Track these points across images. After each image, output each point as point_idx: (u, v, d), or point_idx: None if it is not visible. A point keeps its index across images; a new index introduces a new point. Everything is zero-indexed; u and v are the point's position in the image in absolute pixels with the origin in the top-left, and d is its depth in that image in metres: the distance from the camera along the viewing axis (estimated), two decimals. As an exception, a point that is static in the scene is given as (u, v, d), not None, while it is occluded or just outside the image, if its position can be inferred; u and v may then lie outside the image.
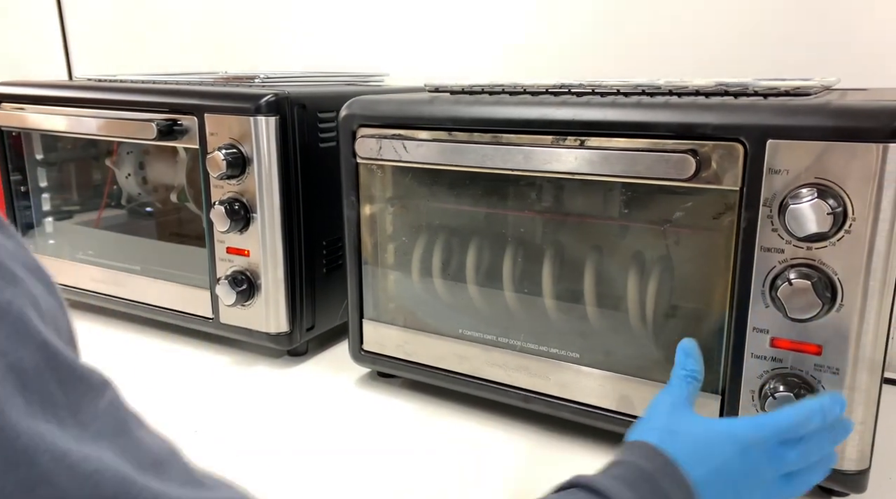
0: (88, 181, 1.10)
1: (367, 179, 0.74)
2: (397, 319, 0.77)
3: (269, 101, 0.78)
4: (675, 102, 0.57)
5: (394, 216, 0.77)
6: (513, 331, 0.69)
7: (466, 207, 0.72)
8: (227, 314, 0.86)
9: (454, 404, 0.75)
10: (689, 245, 0.62)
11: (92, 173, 1.09)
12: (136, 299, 0.95)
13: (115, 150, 1.04)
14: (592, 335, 0.66)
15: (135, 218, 1.05)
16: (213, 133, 0.81)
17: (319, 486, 0.61)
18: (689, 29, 0.93)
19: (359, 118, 0.72)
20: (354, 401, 0.77)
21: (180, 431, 0.70)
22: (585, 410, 0.65)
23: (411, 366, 0.75)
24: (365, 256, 0.76)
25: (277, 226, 0.81)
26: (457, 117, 0.66)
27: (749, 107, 0.54)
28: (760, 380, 0.56)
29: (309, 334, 0.87)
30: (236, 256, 0.84)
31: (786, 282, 0.52)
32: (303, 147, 0.82)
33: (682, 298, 0.63)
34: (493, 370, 0.70)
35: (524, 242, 0.70)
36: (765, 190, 0.53)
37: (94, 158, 1.08)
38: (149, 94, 0.86)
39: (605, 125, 0.59)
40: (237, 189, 0.81)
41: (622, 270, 0.64)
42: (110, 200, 1.06)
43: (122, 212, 1.06)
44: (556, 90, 0.66)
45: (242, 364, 0.87)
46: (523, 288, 0.70)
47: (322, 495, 0.60)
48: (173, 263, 0.93)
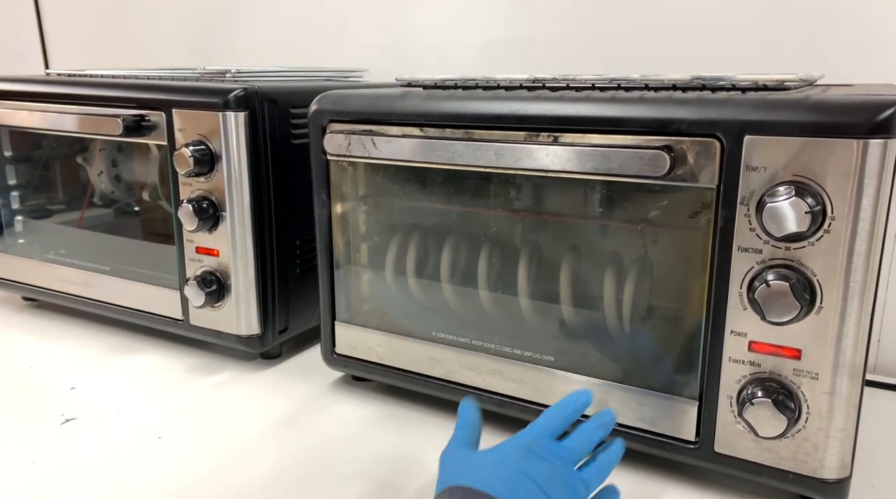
0: (61, 179, 1.07)
1: (339, 176, 0.72)
2: (370, 322, 0.75)
3: (237, 96, 0.75)
4: (650, 97, 0.55)
5: (366, 215, 0.75)
6: (487, 333, 0.67)
7: (440, 206, 0.70)
8: (198, 316, 0.84)
9: (429, 408, 0.73)
10: (666, 245, 0.60)
11: (64, 171, 1.07)
12: (106, 300, 0.92)
13: (88, 147, 1.01)
14: (568, 338, 0.64)
15: (107, 216, 1.02)
16: (182, 129, 0.78)
17: (291, 494, 0.59)
18: (671, 23, 0.92)
19: (328, 113, 0.69)
20: (327, 405, 0.75)
21: (144, 436, 0.68)
22: (560, 415, 0.63)
23: (384, 369, 0.73)
24: (337, 257, 0.74)
25: (248, 225, 0.79)
26: (428, 112, 0.64)
27: (726, 101, 0.52)
28: (738, 385, 0.54)
29: (282, 337, 0.85)
30: (206, 256, 0.81)
31: (763, 283, 0.50)
32: (274, 143, 0.80)
33: (659, 299, 0.61)
34: (468, 374, 0.68)
35: (499, 241, 0.68)
36: (742, 188, 0.51)
37: (66, 155, 1.06)
38: (116, 89, 0.84)
39: (579, 121, 0.56)
40: (206, 187, 0.79)
41: (598, 270, 0.62)
42: (83, 198, 1.04)
43: (94, 210, 1.03)
44: (530, 85, 0.63)
45: (213, 367, 0.84)
46: (498, 289, 0.68)
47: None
48: (145, 263, 0.90)
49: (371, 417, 0.72)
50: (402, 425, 0.70)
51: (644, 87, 0.58)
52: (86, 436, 0.68)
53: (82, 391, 0.77)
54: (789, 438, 0.52)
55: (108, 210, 1.02)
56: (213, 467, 0.63)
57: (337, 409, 0.74)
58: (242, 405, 0.74)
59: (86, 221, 1.02)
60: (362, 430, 0.69)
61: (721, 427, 0.55)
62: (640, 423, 0.59)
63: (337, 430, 0.69)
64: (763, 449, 0.54)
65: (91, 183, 1.03)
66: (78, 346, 0.90)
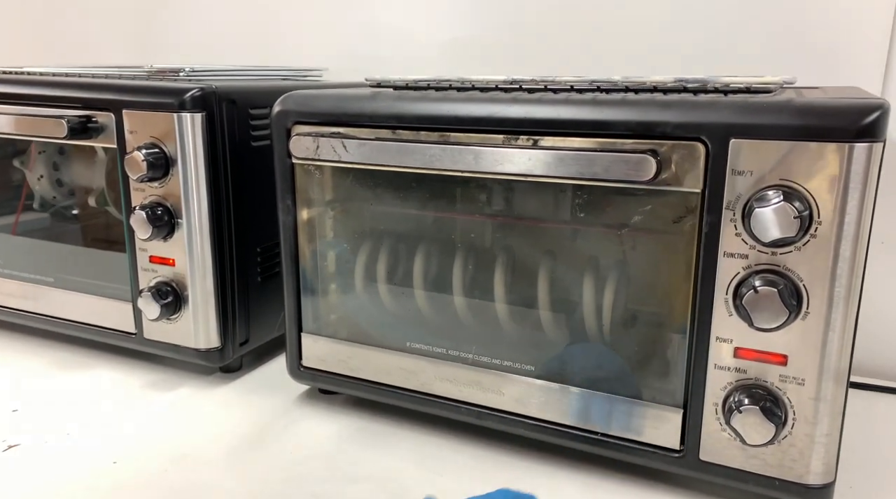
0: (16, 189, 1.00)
1: (304, 180, 0.68)
2: (339, 333, 0.71)
3: (194, 96, 0.71)
4: (632, 99, 0.54)
5: (334, 221, 0.72)
6: (464, 343, 0.65)
7: (412, 211, 0.68)
8: (152, 329, 0.79)
9: (402, 421, 0.70)
10: (648, 251, 0.58)
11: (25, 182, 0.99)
12: (50, 314, 0.86)
13: (26, 149, 0.95)
14: (547, 347, 0.63)
15: (49, 223, 0.96)
16: (133, 131, 0.74)
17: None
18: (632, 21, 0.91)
19: (293, 115, 0.66)
20: (294, 421, 0.71)
21: (97, 462, 0.63)
22: (541, 426, 0.61)
23: (356, 382, 0.70)
24: (303, 265, 0.70)
25: (206, 232, 0.74)
26: (401, 114, 0.61)
27: (710, 104, 0.51)
28: (724, 392, 0.53)
29: (243, 349, 0.81)
30: (160, 266, 0.76)
31: (751, 289, 0.49)
32: (233, 146, 0.75)
33: (640, 307, 0.60)
34: (444, 385, 0.65)
35: (474, 247, 0.66)
36: (728, 192, 0.50)
37: (1, 157, 0.99)
38: (59, 87, 0.78)
39: (559, 124, 0.55)
40: (160, 192, 0.74)
41: (578, 277, 0.61)
42: (23, 202, 0.97)
43: (34, 217, 0.97)
44: (507, 86, 0.62)
45: (169, 383, 0.79)
46: (474, 297, 0.66)
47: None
48: (92, 273, 0.85)
49: (341, 432, 0.69)
50: (375, 441, 0.67)
51: (625, 90, 0.57)
52: (32, 464, 0.63)
53: (26, 414, 0.72)
54: (775, 444, 0.52)
55: (47, 216, 0.96)
56: (176, 495, 0.59)
57: (305, 425, 0.70)
58: (204, 424, 0.70)
59: (22, 228, 0.96)
60: (334, 447, 0.66)
61: (706, 435, 0.55)
62: (624, 432, 0.58)
63: (307, 448, 0.66)
64: (749, 456, 0.53)
65: (27, 187, 0.96)
66: (18, 363, 0.84)
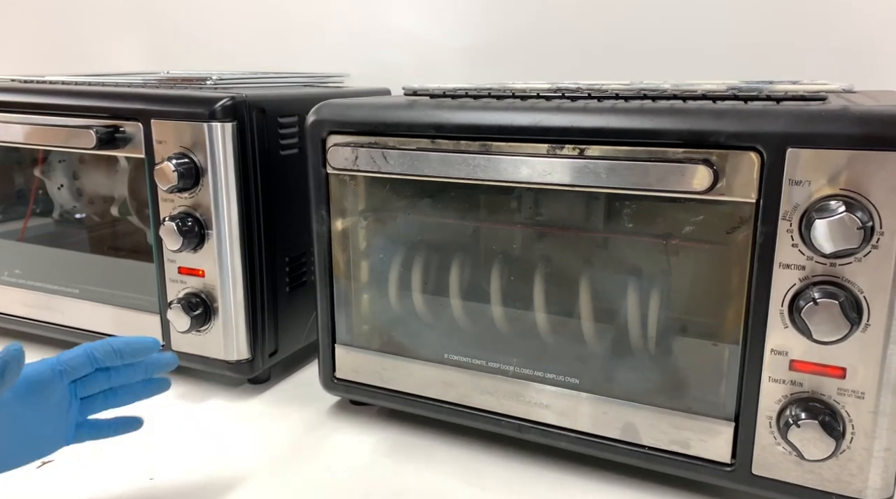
0: (12, 191, 0.99)
1: (339, 190, 0.67)
2: (373, 344, 0.70)
3: (225, 106, 0.70)
4: (682, 108, 0.53)
5: (369, 231, 0.71)
6: (504, 355, 0.64)
7: (450, 220, 0.67)
8: (180, 341, 0.78)
9: (439, 434, 0.69)
10: (698, 261, 0.57)
11: (15, 182, 0.98)
12: (74, 326, 0.85)
13: (41, 158, 0.94)
14: (593, 359, 0.62)
15: (70, 233, 0.95)
16: (161, 141, 0.73)
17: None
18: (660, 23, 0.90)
19: (329, 124, 0.65)
20: (329, 435, 0.70)
21: (135, 478, 0.62)
22: (585, 439, 0.60)
23: (391, 394, 0.69)
24: (336, 275, 0.69)
25: (236, 243, 0.73)
26: (440, 123, 0.60)
27: (766, 113, 0.50)
28: (778, 405, 0.52)
29: (272, 360, 0.80)
30: (190, 277, 0.75)
31: (810, 301, 0.48)
32: (262, 155, 0.75)
33: (689, 318, 0.59)
34: (483, 398, 0.64)
35: (514, 257, 0.65)
36: (784, 202, 0.49)
37: (18, 163, 0.97)
38: (85, 97, 0.77)
39: (607, 132, 0.54)
40: (189, 203, 0.73)
41: (624, 288, 0.60)
42: (40, 212, 0.96)
43: (55, 227, 0.96)
44: (549, 94, 0.61)
45: (198, 395, 0.78)
46: (515, 309, 0.65)
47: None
48: (116, 283, 0.84)
49: (378, 445, 0.68)
50: (413, 454, 0.66)
51: (673, 97, 0.56)
52: (66, 481, 0.62)
53: (56, 429, 0.70)
54: (833, 459, 0.51)
55: (69, 225, 0.95)
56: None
57: (340, 438, 0.69)
58: (238, 438, 0.69)
59: (46, 238, 0.94)
60: (373, 460, 0.65)
61: (759, 448, 0.54)
62: (673, 446, 0.57)
63: (345, 462, 0.65)
64: (805, 471, 0.52)
65: (34, 194, 0.95)
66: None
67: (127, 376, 0.56)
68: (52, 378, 0.52)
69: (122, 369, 0.56)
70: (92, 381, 0.55)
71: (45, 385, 0.52)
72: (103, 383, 0.56)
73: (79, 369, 0.53)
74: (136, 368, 0.57)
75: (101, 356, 0.53)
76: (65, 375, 0.53)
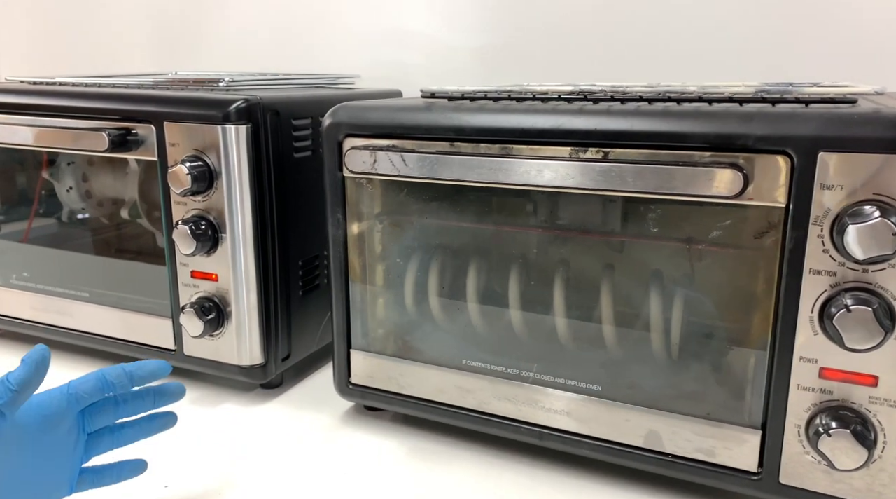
0: (18, 193, 0.98)
1: (355, 194, 0.67)
2: (389, 349, 0.70)
3: (239, 108, 0.69)
4: (708, 110, 0.52)
5: (384, 234, 0.70)
6: (524, 361, 0.63)
7: (468, 224, 0.66)
8: (192, 345, 0.77)
9: (457, 440, 0.68)
10: (724, 266, 0.57)
11: (20, 184, 0.97)
12: (85, 330, 0.84)
13: (45, 160, 0.93)
14: (615, 366, 0.61)
15: (79, 235, 0.94)
16: (174, 144, 0.72)
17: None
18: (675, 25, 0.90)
19: (345, 127, 0.64)
20: (344, 440, 0.69)
21: (147, 486, 0.61)
22: (607, 447, 0.59)
23: (407, 400, 0.68)
24: (352, 279, 0.69)
25: (250, 246, 0.73)
26: (460, 126, 0.59)
27: (795, 116, 0.49)
28: (807, 413, 0.51)
29: (284, 365, 0.79)
30: (202, 281, 0.75)
31: (842, 309, 0.47)
32: (276, 158, 0.74)
33: (713, 325, 0.58)
34: (502, 405, 0.63)
35: (534, 262, 0.64)
36: (815, 207, 0.48)
37: (20, 163, 0.96)
38: (98, 99, 0.76)
39: (631, 136, 0.53)
40: (203, 206, 0.72)
41: (647, 294, 0.59)
42: (48, 214, 0.95)
43: (64, 229, 0.95)
44: (570, 96, 0.60)
45: (210, 401, 0.78)
46: (535, 314, 0.64)
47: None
48: (126, 287, 0.83)
49: (395, 451, 0.67)
50: (431, 460, 0.65)
51: (698, 100, 0.55)
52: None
53: (68, 435, 0.70)
54: (864, 468, 0.50)
55: (77, 228, 0.94)
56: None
57: (356, 443, 0.68)
58: (253, 443, 0.68)
59: (54, 241, 0.93)
60: (389, 467, 0.64)
61: (787, 457, 0.53)
62: (697, 454, 0.56)
63: (363, 468, 0.64)
64: (834, 481, 0.51)
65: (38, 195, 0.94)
66: (52, 382, 0.82)
67: (135, 407, 0.55)
68: (64, 405, 0.50)
69: (131, 400, 0.54)
70: (101, 411, 0.53)
71: (56, 414, 0.50)
72: (111, 414, 0.53)
73: (91, 394, 0.51)
74: (144, 398, 0.55)
75: (112, 379, 0.52)
76: (76, 401, 0.51)
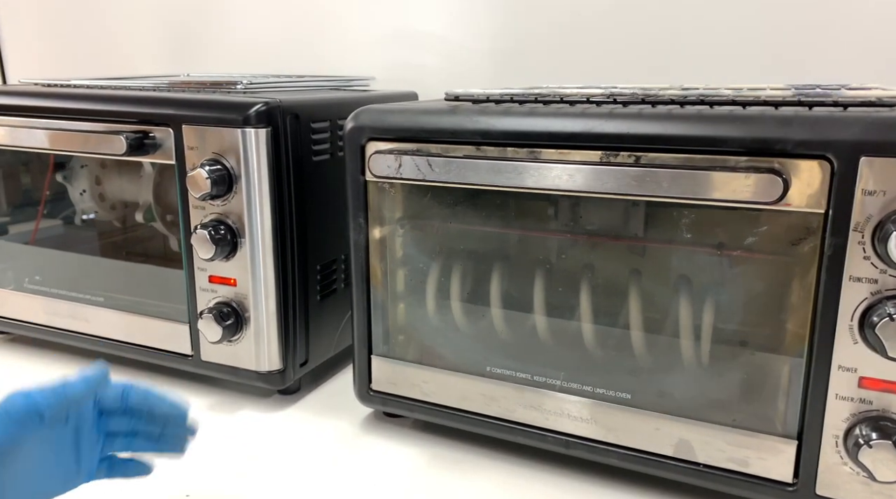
0: (30, 196, 0.97)
1: (377, 198, 0.66)
2: (411, 355, 0.69)
3: (259, 111, 0.68)
4: (743, 114, 0.51)
5: (406, 239, 0.69)
6: (551, 369, 0.62)
7: (493, 228, 0.65)
8: (209, 351, 0.76)
9: (480, 448, 0.67)
10: (758, 273, 0.55)
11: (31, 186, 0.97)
12: (100, 335, 0.83)
13: (53, 162, 0.92)
14: (645, 373, 0.60)
15: (93, 239, 0.93)
16: (193, 147, 0.71)
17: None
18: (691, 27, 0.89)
19: (368, 131, 0.63)
20: (366, 447, 0.68)
21: (169, 495, 0.60)
22: (637, 456, 0.58)
23: (429, 407, 0.67)
24: (373, 285, 0.68)
25: (269, 251, 0.72)
26: (487, 130, 0.58)
27: (835, 120, 0.48)
28: (846, 423, 0.50)
29: (302, 370, 0.78)
30: (220, 286, 0.74)
31: (885, 317, 0.46)
32: (296, 161, 0.73)
33: (748, 332, 0.57)
34: (528, 413, 0.62)
35: (560, 267, 0.63)
36: (856, 213, 0.47)
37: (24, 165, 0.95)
38: (114, 102, 0.75)
39: (665, 140, 0.52)
40: (221, 210, 0.71)
41: (678, 300, 0.58)
42: (62, 217, 0.94)
43: (77, 232, 0.94)
44: (600, 100, 0.59)
45: (228, 407, 0.77)
46: (563, 321, 0.63)
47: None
48: (141, 291, 0.82)
49: (417, 459, 0.66)
50: (454, 468, 0.64)
51: (732, 103, 0.54)
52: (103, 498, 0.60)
53: (86, 442, 0.69)
54: (905, 480, 0.49)
55: (90, 232, 0.93)
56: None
57: (377, 450, 0.68)
58: (274, 451, 0.67)
59: (68, 245, 0.93)
60: (412, 475, 0.63)
61: (824, 468, 0.52)
62: (730, 464, 0.55)
63: (385, 476, 0.63)
64: (873, 492, 0.50)
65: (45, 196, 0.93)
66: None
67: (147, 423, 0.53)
68: (90, 407, 0.49)
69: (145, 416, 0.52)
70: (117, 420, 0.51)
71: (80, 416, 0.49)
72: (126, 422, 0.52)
73: (108, 389, 0.50)
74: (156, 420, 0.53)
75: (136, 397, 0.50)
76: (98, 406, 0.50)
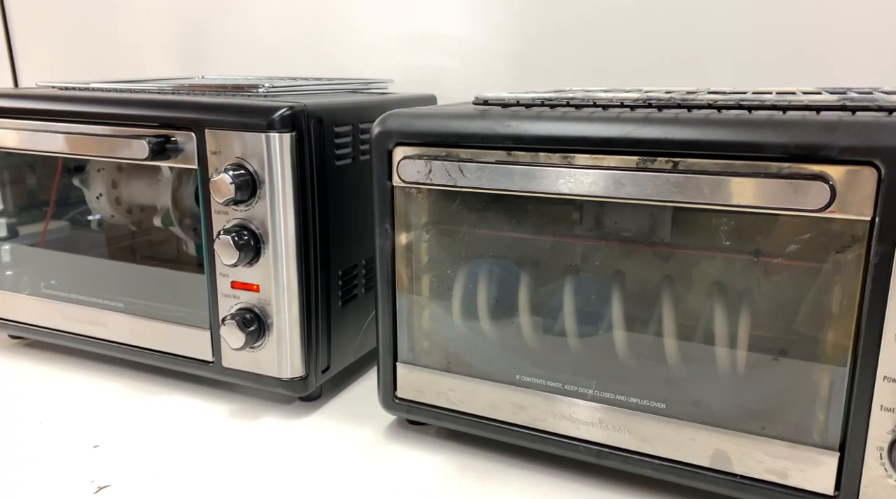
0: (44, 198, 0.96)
1: (404, 203, 0.65)
2: (437, 363, 0.68)
3: (284, 116, 0.67)
4: (784, 119, 0.50)
5: (433, 245, 0.68)
6: (582, 378, 0.61)
7: (523, 234, 0.64)
8: (231, 357, 0.75)
9: (508, 458, 0.66)
10: (800, 281, 0.54)
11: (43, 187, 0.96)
12: (119, 341, 0.82)
13: (62, 164, 0.91)
14: (680, 382, 0.58)
15: (109, 243, 0.92)
16: (216, 152, 0.70)
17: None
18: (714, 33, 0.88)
19: (395, 136, 0.62)
20: (391, 455, 0.67)
21: (195, 507, 0.59)
22: (671, 466, 0.57)
23: (457, 416, 0.66)
24: (399, 291, 0.67)
25: (293, 256, 0.71)
26: (518, 135, 0.57)
27: (882, 125, 0.47)
28: (891, 435, 0.49)
29: (324, 377, 0.77)
30: (243, 292, 0.73)
31: (935, 328, 0.45)
32: (319, 166, 0.72)
33: (787, 340, 0.56)
34: (559, 422, 0.61)
35: (591, 275, 0.62)
36: (904, 221, 0.46)
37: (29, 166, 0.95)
38: (135, 106, 0.75)
39: (704, 145, 0.51)
40: (244, 215, 0.70)
41: (714, 309, 0.57)
42: (78, 221, 0.93)
43: (94, 236, 0.93)
44: (634, 104, 0.58)
45: (249, 414, 0.76)
46: (595, 329, 0.62)
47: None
48: (162, 296, 0.81)
49: (444, 469, 0.65)
50: (485, 478, 0.63)
51: (772, 107, 0.53)
52: (125, 508, 0.59)
53: (108, 450, 0.68)
54: (953, 493, 0.48)
55: (107, 236, 0.92)
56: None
57: (403, 459, 0.67)
58: (299, 459, 0.66)
59: (82, 249, 0.92)
60: (442, 485, 0.62)
61: (867, 481, 0.51)
62: (768, 475, 0.54)
63: (412, 485, 0.62)
64: (919, 505, 0.49)
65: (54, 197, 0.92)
66: (89, 394, 0.80)
67: None
68: None
69: None
70: None
71: None
72: None
73: None
74: None
75: None
76: None
